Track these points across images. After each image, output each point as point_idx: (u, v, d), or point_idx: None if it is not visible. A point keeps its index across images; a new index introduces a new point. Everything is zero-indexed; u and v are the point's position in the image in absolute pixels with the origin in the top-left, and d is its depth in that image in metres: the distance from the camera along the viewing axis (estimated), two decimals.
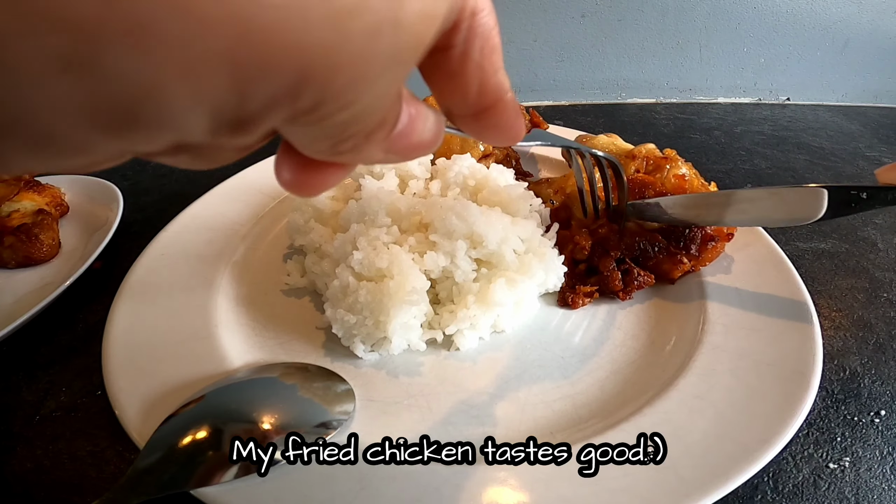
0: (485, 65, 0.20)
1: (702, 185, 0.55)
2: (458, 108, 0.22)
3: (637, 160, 0.57)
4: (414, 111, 0.19)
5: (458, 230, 0.48)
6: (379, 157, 0.19)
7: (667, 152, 0.57)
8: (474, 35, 0.19)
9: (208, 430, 0.37)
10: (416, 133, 0.19)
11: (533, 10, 0.99)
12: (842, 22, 1.06)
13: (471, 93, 0.21)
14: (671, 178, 0.55)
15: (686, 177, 0.55)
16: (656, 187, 0.54)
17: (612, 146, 0.61)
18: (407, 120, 0.19)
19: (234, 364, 0.45)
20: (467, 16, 0.19)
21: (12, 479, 0.41)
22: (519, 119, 0.23)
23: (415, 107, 0.19)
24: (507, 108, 0.22)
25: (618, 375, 0.46)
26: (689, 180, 0.54)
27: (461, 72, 0.20)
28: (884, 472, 0.41)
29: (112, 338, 0.46)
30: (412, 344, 0.47)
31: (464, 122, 0.23)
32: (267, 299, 0.54)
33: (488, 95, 0.21)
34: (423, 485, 0.36)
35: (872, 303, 0.57)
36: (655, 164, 0.56)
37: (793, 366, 0.43)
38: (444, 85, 0.21)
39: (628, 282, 0.52)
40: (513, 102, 0.22)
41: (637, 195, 0.54)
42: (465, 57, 0.20)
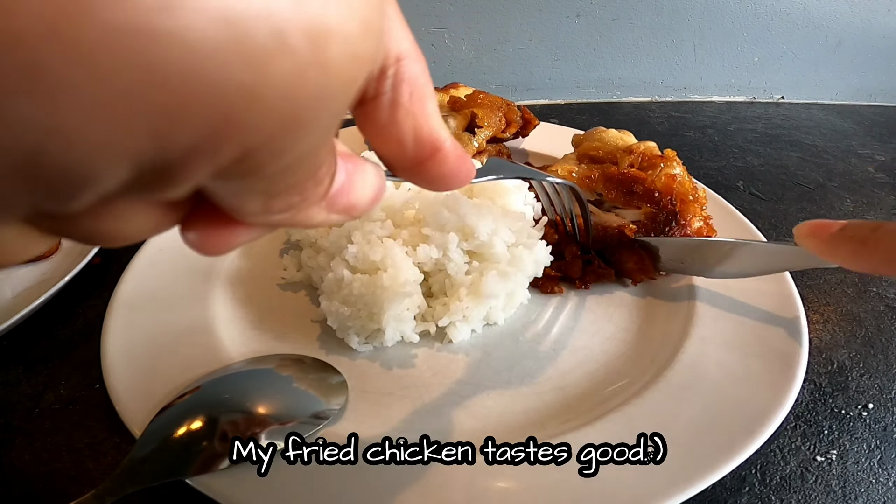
0: (416, 112, 0.20)
1: (693, 187, 0.56)
2: (398, 160, 0.21)
3: (633, 155, 0.58)
4: (352, 166, 0.19)
5: (449, 223, 0.48)
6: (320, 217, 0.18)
7: (667, 152, 0.58)
8: (401, 81, 0.19)
9: (203, 420, 0.38)
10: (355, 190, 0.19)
11: (528, 9, 0.99)
12: (835, 21, 1.06)
13: (407, 143, 0.20)
14: (662, 177, 0.55)
15: (678, 177, 0.55)
16: (645, 183, 0.54)
17: (619, 140, 0.61)
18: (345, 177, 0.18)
19: (231, 356, 0.46)
20: (392, 62, 0.18)
21: (11, 472, 0.41)
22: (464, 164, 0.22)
23: (352, 162, 0.19)
24: (448, 158, 0.21)
25: (608, 367, 0.47)
26: (679, 181, 0.55)
27: (393, 121, 0.19)
28: (871, 466, 0.42)
29: (111, 332, 0.47)
30: (405, 336, 0.47)
31: (406, 175, 0.22)
32: (264, 293, 0.54)
33: (425, 145, 0.20)
34: (423, 484, 0.36)
35: (861, 297, 0.58)
36: (650, 162, 0.57)
37: (779, 358, 0.44)
38: (379, 136, 0.20)
39: (587, 271, 0.54)
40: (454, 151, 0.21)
41: (625, 189, 0.55)
42: (394, 105, 0.19)
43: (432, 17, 0.99)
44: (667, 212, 0.53)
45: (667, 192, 0.54)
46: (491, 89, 1.07)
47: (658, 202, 0.54)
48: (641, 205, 0.55)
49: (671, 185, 0.54)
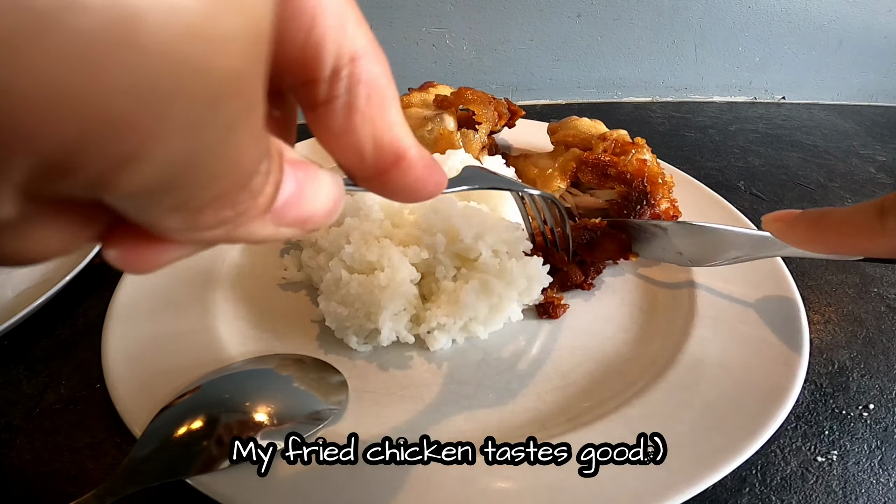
0: (375, 117, 0.18)
1: (661, 172, 0.60)
2: (357, 170, 0.19)
3: (606, 142, 0.62)
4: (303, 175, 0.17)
5: (435, 224, 0.48)
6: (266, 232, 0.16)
7: (637, 140, 0.62)
8: (357, 83, 0.17)
9: (204, 420, 0.38)
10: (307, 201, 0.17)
11: (529, 9, 0.99)
12: (836, 21, 1.06)
13: (366, 151, 0.18)
14: (633, 162, 0.59)
15: (648, 162, 0.59)
16: (618, 167, 0.58)
17: (592, 128, 0.65)
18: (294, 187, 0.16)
19: (232, 356, 0.46)
20: (346, 62, 0.17)
21: (11, 471, 0.41)
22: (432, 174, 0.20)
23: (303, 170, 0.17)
24: (413, 166, 0.19)
25: (608, 368, 0.47)
26: (650, 166, 0.59)
27: (349, 127, 0.18)
28: (871, 466, 0.42)
29: (111, 331, 0.47)
30: (401, 336, 0.47)
31: (368, 185, 0.20)
32: (264, 293, 0.54)
33: (386, 153, 0.19)
34: (423, 484, 0.36)
35: (862, 297, 0.58)
36: (623, 148, 0.61)
37: (780, 358, 0.44)
38: (336, 144, 0.19)
39: (586, 271, 0.54)
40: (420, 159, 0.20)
41: (599, 173, 0.59)
42: (350, 109, 0.18)
43: (433, 18, 0.99)
44: (638, 192, 0.57)
45: (638, 175, 0.58)
46: (492, 89, 1.07)
47: (630, 183, 0.58)
48: (615, 186, 0.59)
49: (642, 168, 0.58)
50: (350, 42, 0.17)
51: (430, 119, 0.69)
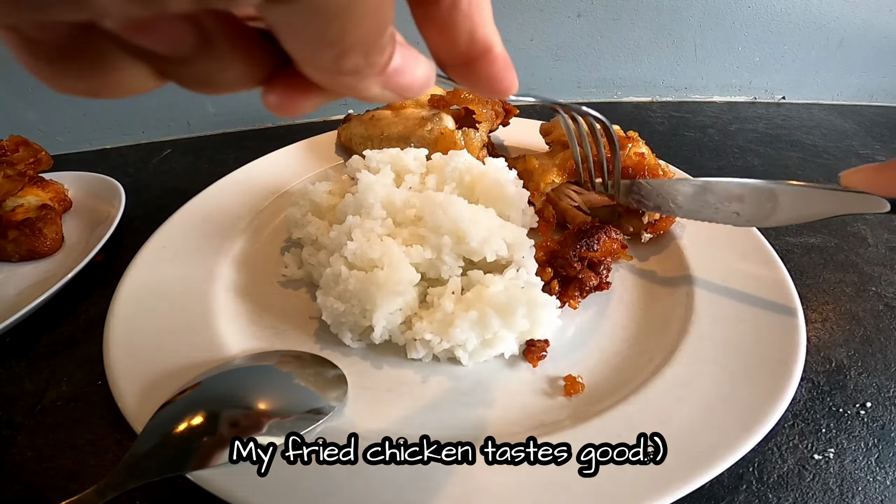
0: (473, 15, 0.22)
1: (657, 164, 0.60)
2: (450, 57, 0.23)
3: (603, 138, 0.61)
4: (407, 53, 0.21)
5: (443, 225, 0.49)
6: (376, 90, 0.21)
7: (630, 134, 0.63)
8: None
9: (204, 416, 0.38)
10: (408, 72, 0.21)
11: (529, 9, 1.00)
12: (836, 21, 1.06)
13: (461, 42, 0.22)
14: (632, 156, 0.60)
15: (645, 155, 0.60)
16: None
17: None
18: (401, 60, 0.20)
19: (232, 352, 0.46)
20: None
21: (13, 467, 0.42)
22: (510, 72, 0.24)
23: (408, 50, 0.21)
24: (497, 59, 0.23)
25: (606, 364, 0.47)
26: (647, 158, 0.60)
27: (451, 22, 0.22)
28: (868, 464, 0.42)
29: (113, 329, 0.47)
30: (393, 336, 0.48)
31: (455, 72, 0.24)
32: (264, 290, 0.55)
33: (477, 45, 0.23)
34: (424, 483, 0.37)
35: (860, 296, 0.58)
36: (619, 142, 0.60)
37: (777, 356, 0.44)
38: (436, 36, 0.22)
39: (598, 272, 0.54)
40: (503, 55, 0.23)
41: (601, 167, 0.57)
42: (454, 6, 0.21)
43: None
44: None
45: (639, 168, 0.59)
46: None
47: (633, 177, 0.59)
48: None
49: (642, 161, 0.59)
50: None
51: (429, 119, 0.70)
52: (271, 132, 0.98)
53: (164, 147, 0.93)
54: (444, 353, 0.47)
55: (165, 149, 0.92)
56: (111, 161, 0.89)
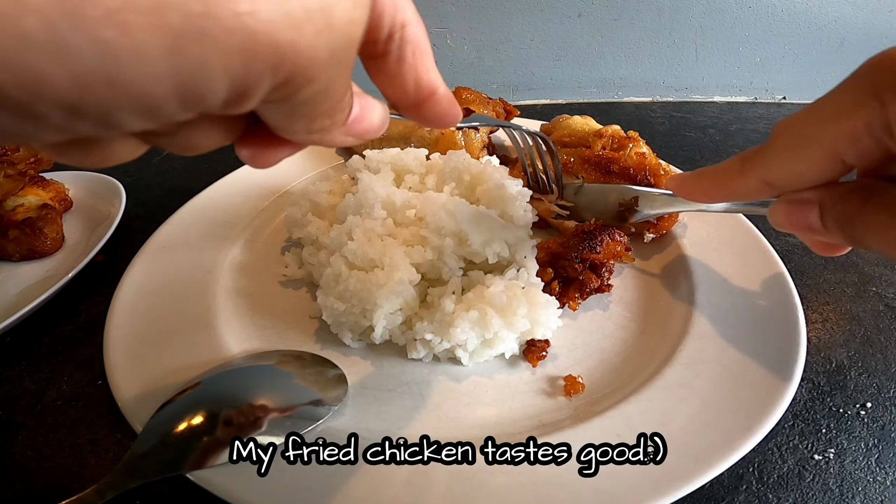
0: (417, 66, 0.26)
1: (658, 164, 0.61)
2: (401, 101, 0.27)
3: (604, 138, 0.63)
4: (364, 103, 0.25)
5: (446, 226, 0.48)
6: (340, 139, 0.24)
7: (630, 134, 0.63)
8: (406, 43, 0.25)
9: (204, 416, 0.38)
10: (366, 119, 0.25)
11: (530, 9, 1.00)
12: (837, 21, 1.06)
13: (409, 88, 0.26)
14: (633, 156, 0.60)
15: (646, 155, 0.61)
16: (620, 162, 0.60)
17: (585, 125, 0.67)
18: (359, 110, 0.24)
19: (233, 352, 0.46)
20: (398, 28, 0.24)
21: (13, 467, 0.42)
22: (453, 107, 0.29)
23: (364, 100, 0.25)
24: (442, 100, 0.28)
25: (606, 364, 0.47)
26: (648, 158, 0.60)
27: (399, 72, 0.26)
28: (868, 464, 0.42)
29: (113, 328, 0.47)
30: (394, 336, 0.48)
31: (407, 112, 0.28)
32: (265, 290, 0.55)
33: (423, 90, 0.27)
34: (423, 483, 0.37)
35: (861, 296, 0.58)
36: (620, 143, 0.62)
37: (777, 356, 0.44)
38: (388, 84, 0.26)
39: (599, 274, 0.53)
40: (446, 95, 0.28)
41: (603, 169, 0.60)
42: (400, 61, 0.25)
43: (434, 18, 1.00)
44: (643, 185, 0.59)
45: (640, 169, 0.59)
46: (492, 89, 1.07)
47: (634, 178, 0.59)
48: (620, 181, 0.60)
49: (643, 162, 0.60)
50: (402, 14, 0.24)
51: None
52: None
53: None
54: (444, 353, 0.47)
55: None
56: None
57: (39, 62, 0.13)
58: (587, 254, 0.52)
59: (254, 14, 0.16)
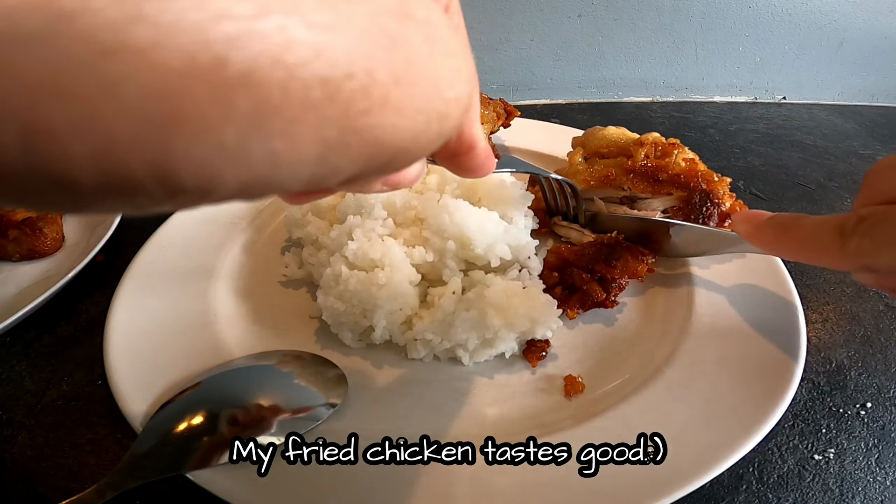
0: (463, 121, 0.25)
1: (709, 171, 0.57)
2: (441, 152, 0.27)
3: (645, 146, 0.59)
4: None
5: (448, 230, 0.48)
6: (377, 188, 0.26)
7: (671, 140, 0.60)
8: None
9: (204, 416, 0.38)
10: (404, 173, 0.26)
11: (530, 9, 1.00)
12: (837, 21, 1.06)
13: (450, 142, 0.26)
14: (680, 162, 0.57)
15: (695, 161, 0.57)
16: (668, 170, 0.56)
17: (622, 136, 0.63)
18: None
19: (233, 352, 0.46)
20: None
21: (13, 467, 0.42)
22: (489, 161, 0.29)
23: None
24: (480, 154, 0.28)
25: (606, 364, 0.47)
26: (697, 164, 0.57)
27: None
28: (868, 464, 0.42)
29: (113, 328, 0.47)
30: (394, 336, 0.48)
31: (445, 163, 0.28)
32: (265, 290, 0.55)
33: (464, 144, 0.26)
34: (424, 484, 0.37)
35: (860, 296, 0.58)
36: (664, 150, 0.59)
37: (777, 356, 0.44)
38: None
39: (608, 288, 0.51)
40: (485, 150, 0.28)
41: (650, 178, 0.57)
42: None
43: None
44: (699, 193, 0.55)
45: (691, 176, 0.56)
46: (492, 89, 1.07)
47: (687, 185, 0.56)
48: (671, 190, 0.56)
49: (693, 168, 0.56)
50: None
51: None
52: None
53: None
54: (444, 352, 0.47)
55: None
56: None
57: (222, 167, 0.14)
58: (599, 266, 0.51)
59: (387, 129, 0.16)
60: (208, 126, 0.13)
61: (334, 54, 0.14)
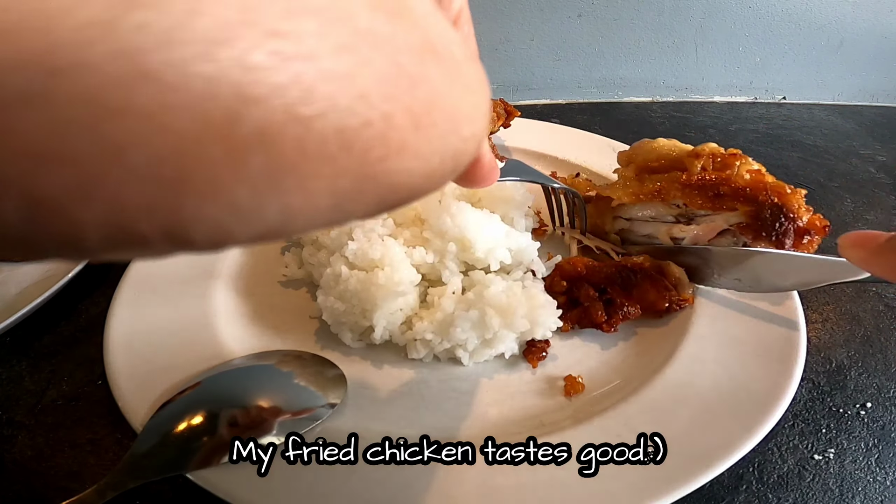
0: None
1: (779, 182, 0.51)
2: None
3: (702, 158, 0.54)
4: None
5: (450, 232, 0.48)
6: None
7: (730, 151, 0.54)
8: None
9: (204, 416, 0.38)
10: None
11: (530, 9, 1.00)
12: (837, 21, 1.06)
13: None
14: (744, 174, 0.51)
15: (762, 172, 0.52)
16: (730, 183, 0.51)
17: (674, 148, 0.58)
18: None
19: (233, 352, 0.46)
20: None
21: (13, 467, 0.42)
22: (493, 172, 0.29)
23: None
24: (484, 166, 0.28)
25: (605, 364, 0.47)
26: (764, 175, 0.51)
27: None
28: (868, 464, 0.42)
29: (114, 328, 0.47)
30: (394, 336, 0.48)
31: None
32: (265, 290, 0.55)
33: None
34: (424, 483, 0.37)
35: (861, 296, 0.58)
36: (723, 161, 0.53)
37: (777, 356, 0.44)
38: None
39: (612, 312, 0.49)
40: (490, 162, 0.28)
41: (712, 192, 0.52)
42: None
43: None
44: (770, 207, 0.49)
45: (759, 189, 0.50)
46: (492, 89, 1.07)
47: (755, 199, 0.49)
48: (735, 205, 0.51)
49: (761, 179, 0.51)
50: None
51: None
52: None
53: None
54: (444, 353, 0.47)
55: None
56: None
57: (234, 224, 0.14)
58: (614, 288, 0.49)
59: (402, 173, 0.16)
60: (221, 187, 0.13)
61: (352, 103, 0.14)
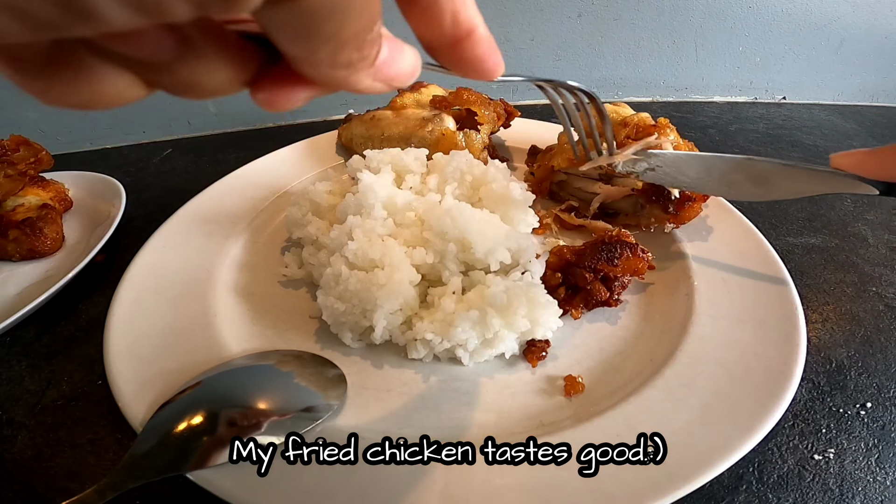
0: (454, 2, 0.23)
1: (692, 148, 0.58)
2: (436, 40, 0.24)
3: (628, 128, 0.58)
4: (394, 45, 0.22)
5: (450, 232, 0.48)
6: (367, 82, 0.22)
7: (660, 121, 0.58)
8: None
9: (204, 416, 0.38)
10: (396, 63, 0.22)
11: (530, 9, 1.00)
12: (837, 21, 1.06)
13: (445, 24, 0.23)
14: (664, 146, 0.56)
15: (673, 143, 0.56)
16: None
17: (614, 113, 0.62)
18: (388, 52, 0.22)
19: (233, 352, 0.46)
20: None
21: (13, 467, 0.42)
22: (495, 53, 0.25)
23: (394, 42, 0.22)
24: (482, 40, 0.25)
25: (606, 364, 0.47)
26: (677, 146, 0.56)
27: (434, 5, 0.23)
28: (868, 464, 0.42)
29: (114, 328, 0.47)
30: (394, 336, 0.48)
31: (442, 55, 0.25)
32: (265, 290, 0.55)
33: (461, 26, 0.24)
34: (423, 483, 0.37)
35: (861, 296, 0.58)
36: (646, 131, 0.57)
37: (777, 356, 0.44)
38: (421, 20, 0.23)
39: (610, 286, 0.51)
40: (487, 36, 0.25)
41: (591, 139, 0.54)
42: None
43: None
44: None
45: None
46: (493, 90, 1.07)
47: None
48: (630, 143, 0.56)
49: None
50: None
51: (430, 120, 0.70)
52: (272, 132, 0.98)
53: (164, 147, 0.93)
54: (444, 352, 0.47)
55: (166, 148, 0.92)
56: (112, 161, 0.89)
57: None
58: (603, 265, 0.51)
59: None
60: None
61: None
